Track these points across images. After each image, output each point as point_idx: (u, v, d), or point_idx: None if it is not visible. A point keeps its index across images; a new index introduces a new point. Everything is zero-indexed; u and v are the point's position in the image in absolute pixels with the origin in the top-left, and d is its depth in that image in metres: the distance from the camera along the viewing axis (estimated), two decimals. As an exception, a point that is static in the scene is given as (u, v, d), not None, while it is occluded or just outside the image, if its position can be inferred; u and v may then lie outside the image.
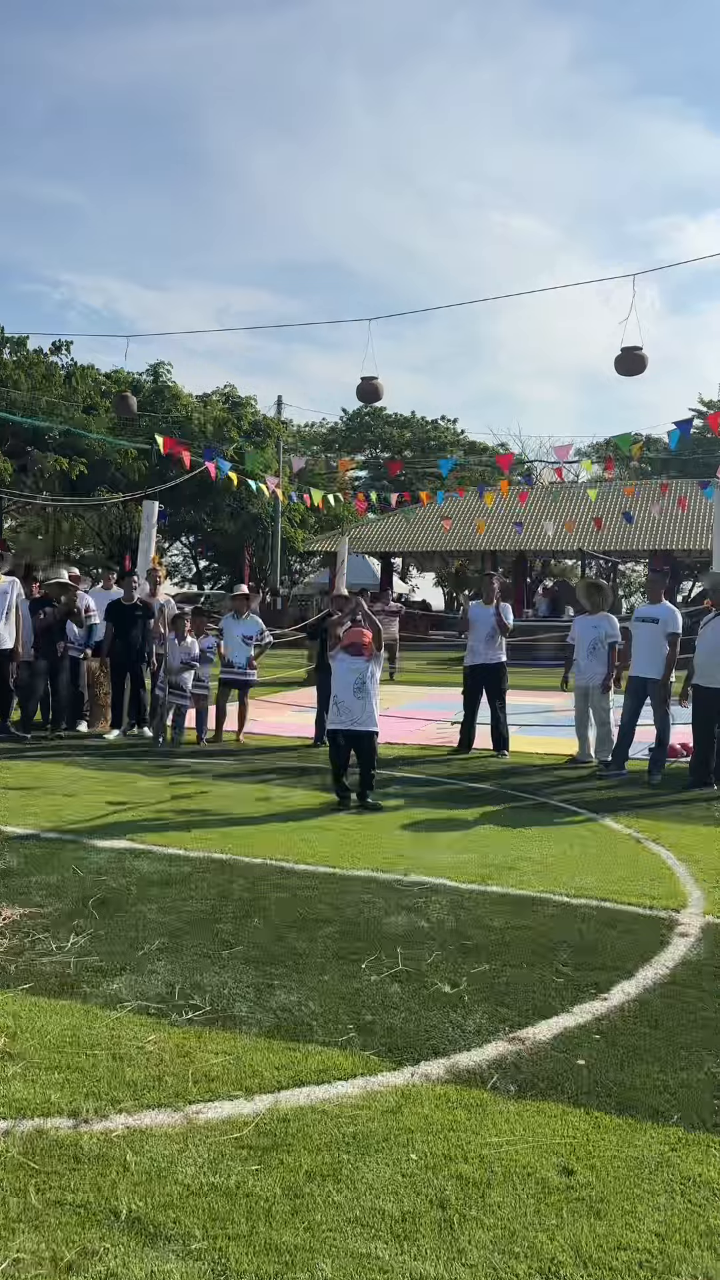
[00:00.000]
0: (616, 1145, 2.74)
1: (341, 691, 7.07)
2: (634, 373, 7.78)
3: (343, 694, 7.06)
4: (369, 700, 7.04)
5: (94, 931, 4.27)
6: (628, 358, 7.79)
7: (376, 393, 8.85)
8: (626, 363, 7.78)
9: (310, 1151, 2.66)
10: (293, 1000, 3.61)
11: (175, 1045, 3.25)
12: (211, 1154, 2.64)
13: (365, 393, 8.86)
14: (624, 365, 7.79)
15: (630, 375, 7.79)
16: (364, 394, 8.90)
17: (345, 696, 7.05)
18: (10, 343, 27.38)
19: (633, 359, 7.78)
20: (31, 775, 7.90)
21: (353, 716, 7.03)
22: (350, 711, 7.04)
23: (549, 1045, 3.33)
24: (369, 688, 7.05)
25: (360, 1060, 3.18)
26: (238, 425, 33.57)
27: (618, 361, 7.80)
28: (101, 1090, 2.95)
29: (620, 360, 7.80)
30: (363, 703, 7.02)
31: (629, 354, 7.79)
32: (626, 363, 7.78)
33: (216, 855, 5.57)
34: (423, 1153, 2.67)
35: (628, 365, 7.78)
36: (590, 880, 5.23)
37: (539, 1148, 2.71)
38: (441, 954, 4.11)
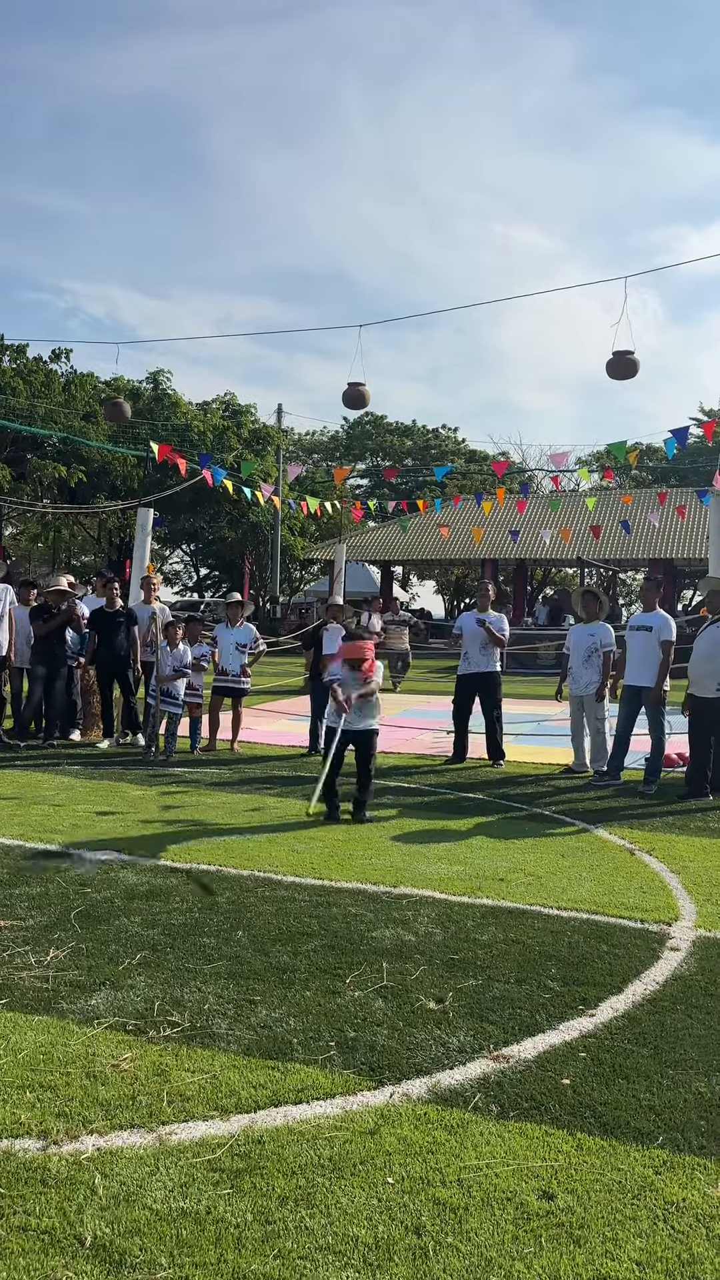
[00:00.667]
0: (599, 1168, 2.67)
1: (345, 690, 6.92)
2: (625, 376, 7.74)
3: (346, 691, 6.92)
4: (368, 710, 6.93)
5: (75, 945, 4.20)
6: (619, 362, 7.74)
7: (363, 399, 8.79)
8: (618, 367, 7.74)
9: (284, 1175, 2.59)
10: (274, 1017, 3.54)
11: (151, 1063, 3.18)
12: (182, 1177, 2.57)
13: (352, 399, 8.81)
14: (615, 369, 7.75)
15: (621, 379, 7.74)
16: (350, 400, 8.85)
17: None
18: (10, 350, 27.41)
19: (624, 363, 7.73)
20: (21, 784, 7.83)
21: (350, 720, 6.89)
22: (350, 720, 6.90)
23: (534, 1064, 3.26)
24: (369, 700, 6.92)
25: (340, 1079, 3.11)
26: (237, 433, 33.58)
27: (609, 365, 7.76)
28: (73, 1110, 2.88)
29: (612, 364, 7.76)
30: (360, 713, 6.91)
31: (620, 358, 7.75)
32: (618, 367, 7.74)
33: (203, 866, 5.50)
34: (400, 1176, 2.60)
35: (619, 369, 7.73)
36: (582, 893, 5.16)
37: (519, 1171, 2.64)
38: (428, 969, 4.04)
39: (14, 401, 25.84)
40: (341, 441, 57.28)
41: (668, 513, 26.73)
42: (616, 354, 7.74)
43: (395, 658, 18.95)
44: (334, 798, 6.87)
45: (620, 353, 7.73)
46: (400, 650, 18.85)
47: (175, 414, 32.18)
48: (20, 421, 25.21)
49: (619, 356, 7.74)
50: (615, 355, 7.74)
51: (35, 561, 42.53)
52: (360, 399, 8.72)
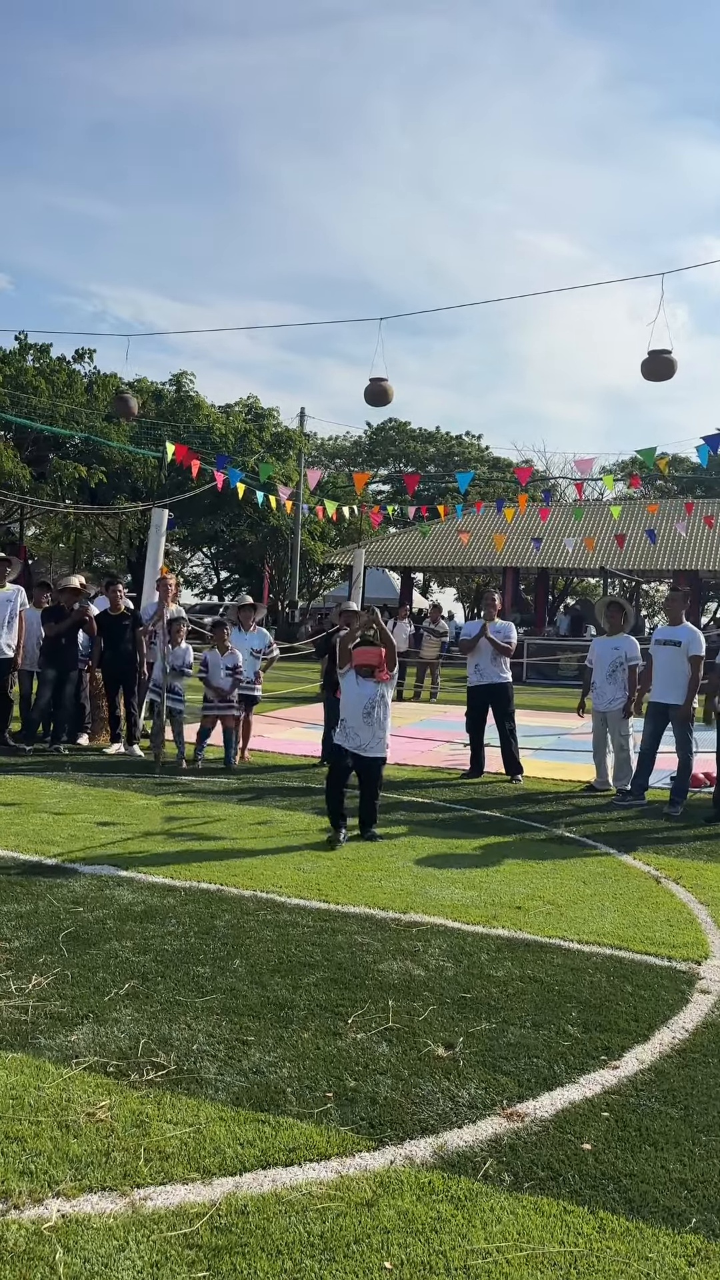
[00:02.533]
0: (624, 1256, 2.36)
1: (350, 715, 6.49)
2: (661, 377, 7.39)
3: (351, 718, 6.49)
4: (379, 727, 6.47)
5: (60, 970, 3.93)
6: (655, 361, 7.39)
7: (385, 394, 8.48)
8: (653, 366, 7.39)
9: (269, 1255, 2.30)
10: (267, 1061, 3.25)
11: (130, 1112, 2.89)
12: (154, 1255, 2.28)
13: (374, 395, 8.51)
14: (650, 369, 7.41)
15: (657, 380, 7.39)
16: (372, 396, 8.55)
17: (354, 721, 6.47)
18: (34, 350, 27.36)
19: (660, 362, 7.39)
20: (22, 791, 7.59)
21: (360, 741, 6.46)
22: (358, 735, 6.46)
23: (551, 1123, 2.95)
24: (379, 714, 6.46)
25: (336, 1137, 2.82)
26: (259, 437, 33.40)
27: (645, 365, 7.42)
28: (39, 1167, 2.60)
29: (647, 364, 7.41)
30: (371, 729, 6.44)
31: (656, 357, 7.40)
32: (653, 366, 7.39)
33: (204, 885, 5.22)
34: (398, 1260, 2.30)
35: (654, 369, 7.39)
36: (604, 925, 4.83)
37: (533, 1258, 2.34)
38: (437, 1008, 3.73)
39: (37, 401, 25.76)
40: (364, 446, 57.00)
41: (695, 522, 26.28)
42: (652, 353, 7.39)
43: (425, 667, 18.64)
44: (341, 821, 6.41)
45: (656, 351, 7.38)
46: (431, 660, 18.54)
47: (197, 416, 32.04)
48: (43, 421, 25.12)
49: (655, 355, 7.39)
50: (651, 354, 7.39)
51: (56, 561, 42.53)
52: (382, 394, 8.40)
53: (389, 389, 8.31)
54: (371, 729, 6.45)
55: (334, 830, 6.36)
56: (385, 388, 8.30)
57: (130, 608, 10.19)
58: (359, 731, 6.46)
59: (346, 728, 6.52)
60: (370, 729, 6.44)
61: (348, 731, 6.51)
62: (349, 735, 6.50)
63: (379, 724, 6.48)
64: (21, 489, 23.82)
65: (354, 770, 6.56)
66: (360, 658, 6.53)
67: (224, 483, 12.10)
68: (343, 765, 6.51)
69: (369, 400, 8.50)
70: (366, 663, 6.50)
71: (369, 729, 6.44)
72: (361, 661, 6.51)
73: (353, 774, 6.60)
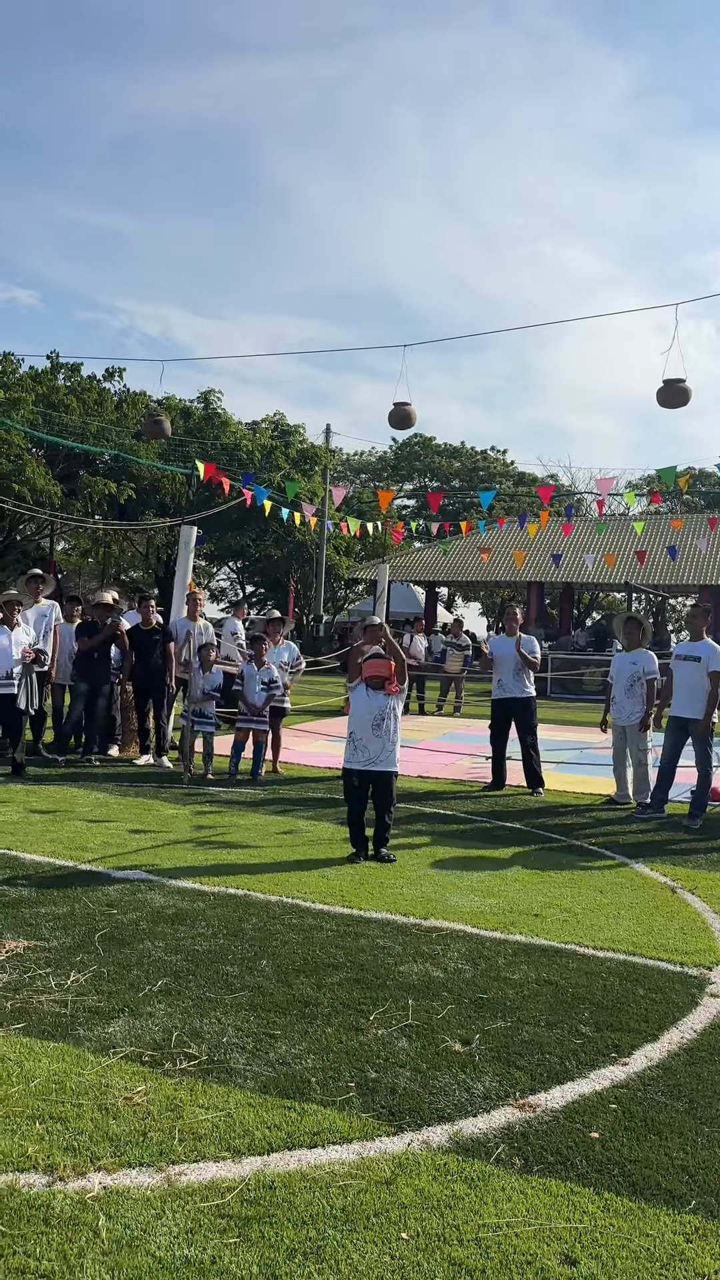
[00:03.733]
0: (626, 1233, 2.52)
1: (359, 728, 6.45)
2: (676, 405, 7.57)
3: (360, 730, 6.44)
4: (388, 739, 6.41)
5: (96, 968, 4.14)
6: (670, 390, 7.58)
7: (409, 419, 8.70)
8: (668, 395, 7.58)
9: (294, 1225, 2.48)
10: (293, 1053, 3.44)
11: (165, 1097, 3.09)
12: (189, 1222, 2.48)
13: (398, 419, 8.74)
14: (665, 397, 7.59)
15: (672, 408, 7.58)
16: (396, 420, 8.78)
17: (362, 733, 6.43)
18: (64, 369, 27.89)
19: (675, 391, 7.57)
20: (57, 799, 7.84)
21: (369, 755, 6.40)
22: (367, 749, 6.41)
23: (561, 1114, 3.12)
24: (389, 725, 6.42)
25: (358, 1123, 3.00)
26: (285, 453, 33.78)
27: (660, 394, 7.60)
28: (81, 1145, 2.81)
29: (662, 393, 7.60)
30: (381, 741, 6.39)
31: (671, 386, 7.58)
32: (668, 395, 7.58)
33: (231, 890, 5.43)
34: (415, 1232, 2.48)
35: (670, 398, 7.57)
36: (619, 931, 4.98)
37: (541, 1232, 2.51)
38: (455, 1008, 3.91)
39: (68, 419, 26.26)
40: (389, 462, 57.38)
41: (717, 538, 26.30)
42: (667, 382, 7.57)
43: (449, 681, 18.80)
44: (363, 839, 6.43)
45: (671, 381, 7.57)
46: (455, 674, 18.70)
47: (225, 433, 32.48)
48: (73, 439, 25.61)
49: (669, 385, 7.57)
50: (665, 384, 7.57)
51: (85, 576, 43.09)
52: (406, 419, 8.63)
53: (412, 413, 8.53)
54: (381, 740, 6.41)
55: (356, 851, 6.39)
56: (409, 412, 8.52)
57: (161, 623, 10.44)
58: (368, 744, 6.42)
59: (356, 741, 6.48)
60: (380, 740, 6.41)
61: (357, 745, 6.47)
62: (358, 749, 6.46)
63: (389, 736, 6.43)
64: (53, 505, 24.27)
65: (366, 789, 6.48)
66: (370, 670, 6.51)
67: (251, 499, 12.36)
68: (358, 791, 6.45)
69: (393, 424, 8.73)
70: (376, 675, 6.48)
71: (379, 740, 6.41)
72: (371, 674, 6.49)
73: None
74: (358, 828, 6.44)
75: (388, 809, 6.48)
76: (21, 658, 8.65)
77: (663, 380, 7.56)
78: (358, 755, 6.46)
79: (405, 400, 8.46)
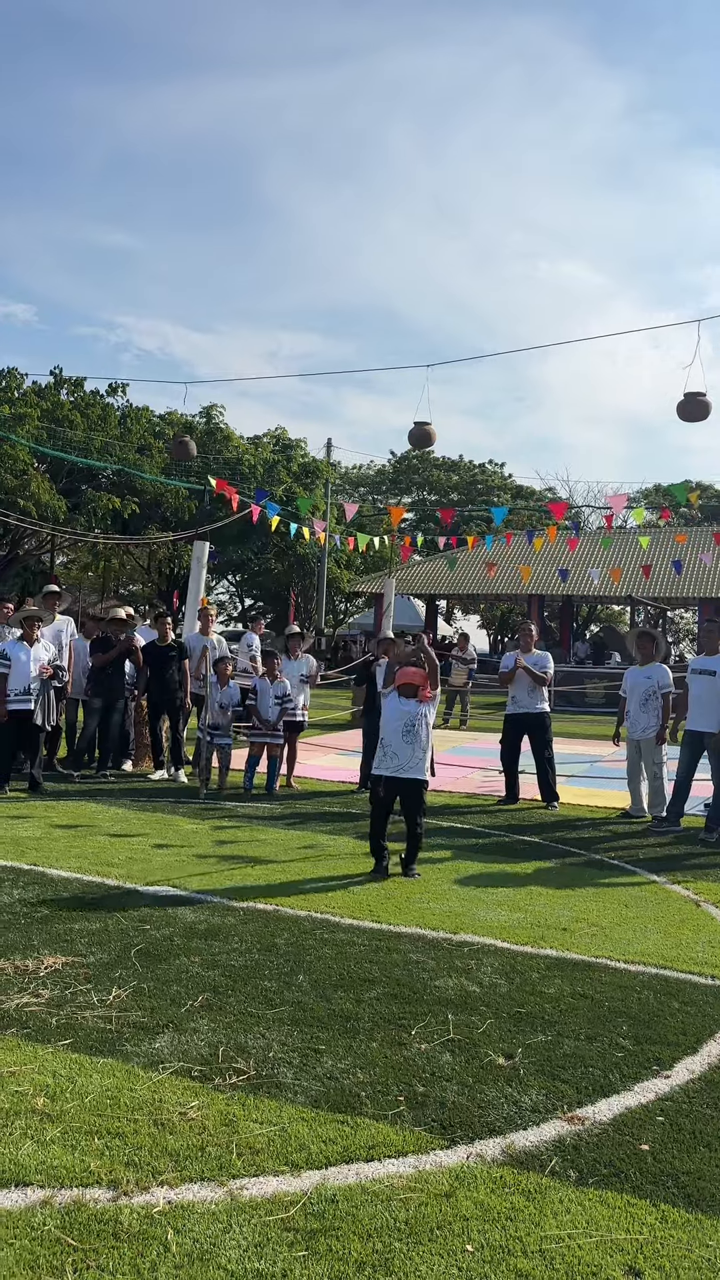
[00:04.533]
0: (686, 1243, 2.56)
1: (390, 735, 6.43)
2: (697, 418, 7.68)
3: (390, 737, 6.42)
4: (418, 746, 6.39)
5: (136, 984, 4.17)
6: (691, 403, 7.69)
7: (429, 438, 8.82)
8: (690, 408, 7.68)
9: (360, 1238, 2.52)
10: (340, 1068, 3.47)
11: (218, 1112, 3.12)
12: (256, 1236, 2.51)
13: (418, 438, 8.85)
14: (687, 411, 7.69)
15: (693, 421, 7.68)
16: (417, 439, 8.89)
17: (393, 740, 6.40)
18: (68, 384, 28.00)
19: (696, 404, 7.68)
20: (77, 815, 7.87)
21: (399, 762, 6.37)
22: (397, 756, 6.38)
23: (610, 1126, 3.15)
24: (419, 732, 6.39)
25: (411, 1137, 3.03)
26: (287, 467, 33.88)
27: (680, 407, 7.70)
28: (142, 1160, 2.84)
29: (683, 405, 7.70)
30: (411, 748, 6.37)
31: (692, 399, 7.69)
32: (690, 408, 7.68)
33: (260, 906, 5.46)
34: (479, 1244, 2.52)
35: (691, 411, 7.67)
36: (648, 945, 5.02)
37: (603, 1244, 2.54)
38: (494, 1022, 3.94)
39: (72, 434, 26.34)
40: (388, 475, 57.53)
41: (720, 552, 26.42)
42: (688, 395, 7.69)
43: (455, 694, 18.86)
44: (383, 850, 6.42)
45: (693, 394, 7.68)
46: (460, 687, 18.77)
47: (227, 448, 32.58)
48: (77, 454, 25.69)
49: (690, 398, 7.68)
50: (687, 396, 7.69)
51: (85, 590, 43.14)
52: (426, 438, 8.75)
53: (432, 432, 8.64)
54: (411, 748, 6.38)
55: (377, 864, 6.38)
56: (429, 431, 8.63)
57: (177, 638, 10.49)
58: (398, 751, 6.39)
59: (386, 748, 6.46)
60: (410, 748, 6.38)
61: (386, 752, 6.44)
62: (388, 756, 6.43)
63: (419, 743, 6.40)
64: (57, 520, 24.33)
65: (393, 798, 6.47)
66: (403, 678, 6.51)
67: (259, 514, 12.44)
68: (384, 801, 6.43)
69: (413, 443, 8.84)
70: (409, 682, 6.48)
71: (408, 748, 6.38)
72: (404, 681, 6.49)
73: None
74: (379, 838, 6.42)
75: (418, 820, 6.40)
76: (40, 674, 8.69)
77: (684, 394, 7.67)
78: (386, 762, 6.44)
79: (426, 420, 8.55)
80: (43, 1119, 3.04)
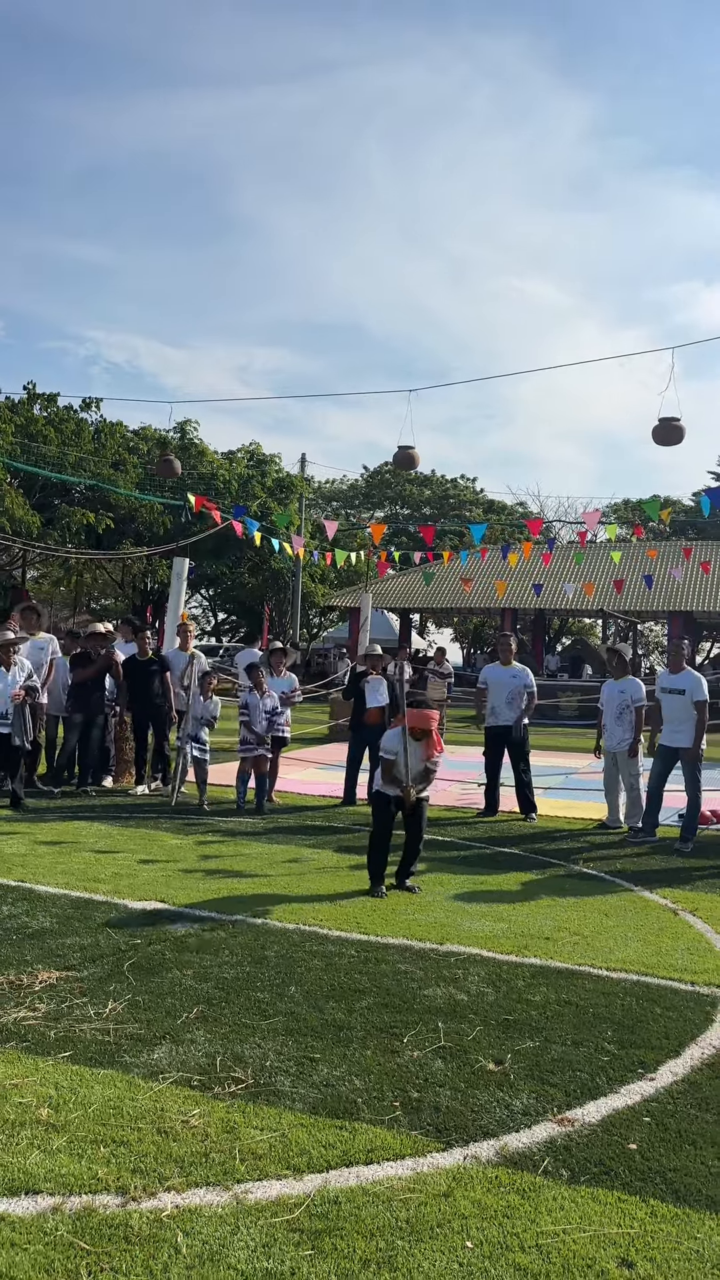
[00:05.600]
0: (676, 1237, 2.67)
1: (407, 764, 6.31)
2: (671, 443, 7.90)
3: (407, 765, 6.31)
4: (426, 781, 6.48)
5: (131, 997, 4.24)
6: (665, 428, 7.91)
7: (412, 461, 9.01)
8: (664, 433, 7.90)
9: (364, 1237, 2.61)
10: (335, 1075, 3.56)
11: (220, 1120, 3.20)
12: (263, 1237, 2.59)
13: (402, 461, 9.02)
14: (661, 435, 7.91)
15: (667, 445, 7.90)
16: (401, 462, 9.06)
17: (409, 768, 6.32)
18: (41, 399, 27.98)
19: (670, 429, 7.90)
20: (60, 832, 7.89)
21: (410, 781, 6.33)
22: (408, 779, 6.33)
23: (599, 1127, 3.26)
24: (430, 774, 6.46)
25: (408, 1140, 3.13)
26: (261, 482, 34.02)
27: (655, 432, 7.92)
28: (148, 1166, 2.91)
29: (658, 430, 7.92)
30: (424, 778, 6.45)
31: (666, 424, 7.91)
32: (664, 433, 7.90)
33: (248, 919, 5.53)
34: (478, 1240, 2.61)
35: (665, 435, 7.89)
36: (629, 953, 5.15)
37: (597, 1238, 2.65)
38: (483, 1029, 4.05)
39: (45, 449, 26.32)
40: (361, 490, 57.83)
41: (691, 567, 26.84)
42: (663, 420, 7.91)
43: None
44: (383, 868, 6.35)
45: (667, 419, 7.90)
46: (436, 702, 18.88)
47: (201, 463, 32.68)
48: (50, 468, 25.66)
49: (665, 423, 7.90)
50: (662, 421, 7.91)
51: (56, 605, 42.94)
52: (410, 461, 8.93)
53: (416, 456, 8.82)
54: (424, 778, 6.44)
55: (374, 884, 6.28)
56: (413, 455, 8.81)
57: (157, 652, 10.53)
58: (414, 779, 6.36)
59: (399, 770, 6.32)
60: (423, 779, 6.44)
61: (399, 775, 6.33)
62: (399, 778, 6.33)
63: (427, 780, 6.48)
64: (30, 535, 24.27)
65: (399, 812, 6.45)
66: (414, 721, 6.34)
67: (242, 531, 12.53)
68: (389, 813, 6.40)
69: (397, 465, 9.01)
70: (419, 726, 6.33)
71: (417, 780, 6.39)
72: (414, 725, 6.33)
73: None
74: (381, 854, 6.32)
75: (419, 833, 6.43)
76: (13, 700, 8.69)
77: (659, 419, 7.88)
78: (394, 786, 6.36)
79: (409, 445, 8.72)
80: (48, 1129, 3.10)
